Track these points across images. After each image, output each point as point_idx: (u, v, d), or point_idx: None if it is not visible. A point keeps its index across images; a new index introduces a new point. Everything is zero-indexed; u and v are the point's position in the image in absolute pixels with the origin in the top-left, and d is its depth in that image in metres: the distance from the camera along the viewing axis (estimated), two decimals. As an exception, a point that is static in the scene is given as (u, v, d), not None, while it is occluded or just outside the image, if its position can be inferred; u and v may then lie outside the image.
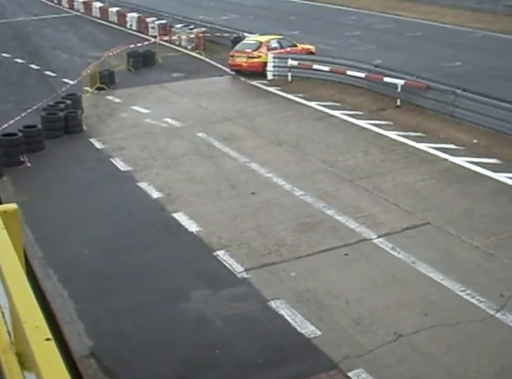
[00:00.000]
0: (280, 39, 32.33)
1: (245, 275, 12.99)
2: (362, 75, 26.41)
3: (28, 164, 19.57)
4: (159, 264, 13.78)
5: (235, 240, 14.42)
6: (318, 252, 13.85)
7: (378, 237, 14.36)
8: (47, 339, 2.43)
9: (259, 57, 30.31)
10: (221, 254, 13.81)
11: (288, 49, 31.34)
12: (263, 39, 32.08)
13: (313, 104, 25.19)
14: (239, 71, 30.61)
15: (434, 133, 21.54)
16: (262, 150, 20.30)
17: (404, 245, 13.98)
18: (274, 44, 31.40)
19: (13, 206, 2.64)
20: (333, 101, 25.51)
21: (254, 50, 30.75)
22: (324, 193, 16.82)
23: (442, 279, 12.56)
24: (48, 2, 67.04)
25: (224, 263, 13.47)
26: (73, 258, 14.10)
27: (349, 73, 26.92)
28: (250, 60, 30.42)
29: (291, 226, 15.00)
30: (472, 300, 11.84)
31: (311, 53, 32.27)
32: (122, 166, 19.42)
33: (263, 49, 30.78)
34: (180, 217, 15.68)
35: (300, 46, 32.17)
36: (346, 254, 13.69)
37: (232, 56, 31.16)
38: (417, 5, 54.66)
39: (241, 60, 30.63)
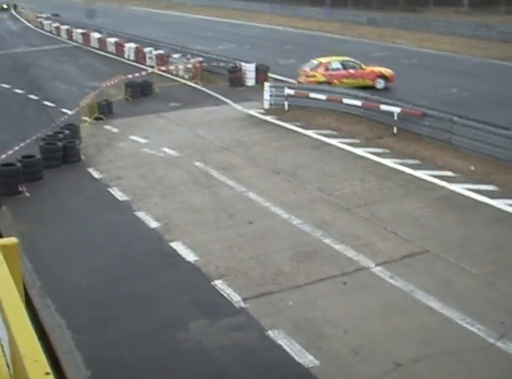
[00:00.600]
0: (345, 60, 33.09)
1: (243, 304, 12.95)
2: (358, 103, 26.58)
3: (27, 194, 19.59)
4: (157, 293, 13.74)
5: (232, 269, 14.39)
6: (316, 281, 13.83)
7: (377, 265, 14.34)
8: (47, 374, 2.43)
9: (314, 76, 31.79)
10: (219, 284, 13.78)
11: (352, 71, 32.06)
12: (324, 59, 33.03)
13: (310, 133, 25.26)
14: None
15: (432, 161, 21.60)
16: (260, 179, 20.34)
17: (403, 273, 13.96)
18: (336, 65, 32.51)
19: (14, 240, 2.66)
20: (329, 129, 25.60)
21: (311, 70, 32.17)
22: (321, 221, 16.83)
23: (442, 307, 12.54)
24: (47, 33, 67.63)
25: (222, 292, 13.44)
26: (72, 288, 14.07)
27: (346, 101, 27.05)
28: (307, 78, 31.82)
29: (289, 255, 14.98)
30: (472, 328, 11.80)
31: (385, 77, 32.61)
32: (119, 195, 19.43)
33: (320, 69, 32.14)
34: (178, 246, 15.66)
35: (369, 69, 32.69)
36: (344, 283, 13.66)
37: (298, 74, 32.71)
38: (412, 33, 55.16)
39: (301, 78, 32.27)
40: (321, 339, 11.65)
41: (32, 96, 34.70)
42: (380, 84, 32.62)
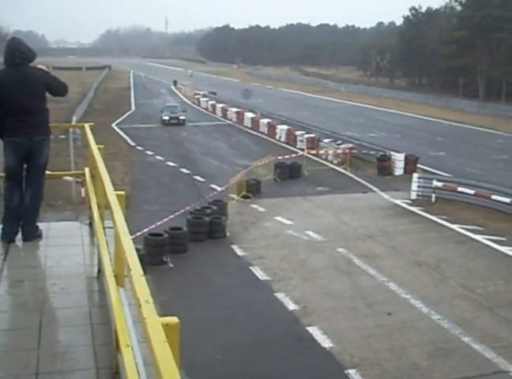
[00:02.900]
0: None
1: (375, 397, 12.79)
2: (507, 200, 26.00)
3: (171, 265, 20.15)
4: (289, 377, 13.78)
5: (367, 360, 14.25)
6: (452, 380, 13.51)
7: (517, 370, 13.87)
8: None
9: None
10: (352, 373, 13.64)
11: None
12: None
13: (455, 227, 24.90)
14: None
15: None
16: (401, 270, 20.17)
17: (544, 381, 13.44)
18: None
19: (175, 319, 2.87)
20: (476, 225, 25.10)
21: None
22: (462, 319, 16.45)
23: None
24: (203, 110, 70.05)
25: (355, 383, 13.34)
26: (206, 362, 14.26)
27: (494, 197, 26.57)
28: None
29: (426, 350, 14.70)
30: None
31: None
32: (260, 275, 19.67)
33: None
34: (314, 331, 15.63)
35: None
36: (481, 385, 13.28)
37: None
38: None
39: None
40: None
41: (183, 170, 35.93)
42: None
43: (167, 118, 57.08)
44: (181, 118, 57.32)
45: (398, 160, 35.41)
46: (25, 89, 8.01)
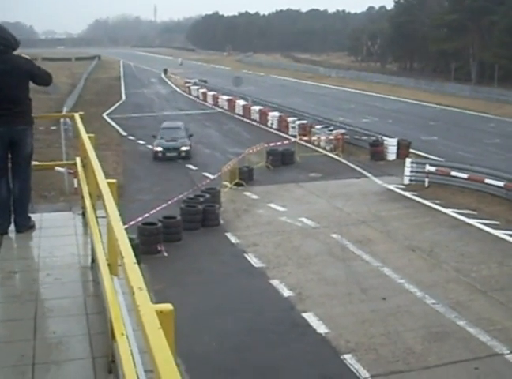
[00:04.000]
0: None
1: (371, 381, 12.83)
2: (501, 184, 26.01)
3: (165, 254, 20.16)
4: (285, 363, 13.79)
5: (362, 345, 14.29)
6: (447, 363, 13.56)
7: (511, 352, 13.90)
8: None
9: None
10: (348, 358, 13.70)
11: None
12: None
13: (449, 211, 24.92)
14: None
15: None
16: (395, 255, 20.20)
17: (539, 363, 13.48)
18: None
19: (169, 306, 2.84)
20: (469, 209, 25.15)
21: None
22: (456, 303, 16.50)
23: None
24: (194, 99, 69.87)
25: (351, 367, 13.35)
26: (201, 350, 14.27)
27: (487, 181, 26.57)
28: None
29: (421, 334, 14.76)
30: None
31: None
32: (255, 262, 19.70)
33: None
34: (309, 317, 15.68)
35: None
36: (476, 368, 13.31)
37: None
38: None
39: None
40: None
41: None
42: None
43: (159, 148, 36.16)
44: (183, 149, 36.09)
45: (391, 145, 35.40)
46: (9, 78, 7.75)
